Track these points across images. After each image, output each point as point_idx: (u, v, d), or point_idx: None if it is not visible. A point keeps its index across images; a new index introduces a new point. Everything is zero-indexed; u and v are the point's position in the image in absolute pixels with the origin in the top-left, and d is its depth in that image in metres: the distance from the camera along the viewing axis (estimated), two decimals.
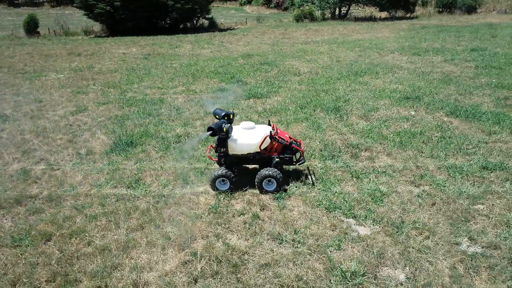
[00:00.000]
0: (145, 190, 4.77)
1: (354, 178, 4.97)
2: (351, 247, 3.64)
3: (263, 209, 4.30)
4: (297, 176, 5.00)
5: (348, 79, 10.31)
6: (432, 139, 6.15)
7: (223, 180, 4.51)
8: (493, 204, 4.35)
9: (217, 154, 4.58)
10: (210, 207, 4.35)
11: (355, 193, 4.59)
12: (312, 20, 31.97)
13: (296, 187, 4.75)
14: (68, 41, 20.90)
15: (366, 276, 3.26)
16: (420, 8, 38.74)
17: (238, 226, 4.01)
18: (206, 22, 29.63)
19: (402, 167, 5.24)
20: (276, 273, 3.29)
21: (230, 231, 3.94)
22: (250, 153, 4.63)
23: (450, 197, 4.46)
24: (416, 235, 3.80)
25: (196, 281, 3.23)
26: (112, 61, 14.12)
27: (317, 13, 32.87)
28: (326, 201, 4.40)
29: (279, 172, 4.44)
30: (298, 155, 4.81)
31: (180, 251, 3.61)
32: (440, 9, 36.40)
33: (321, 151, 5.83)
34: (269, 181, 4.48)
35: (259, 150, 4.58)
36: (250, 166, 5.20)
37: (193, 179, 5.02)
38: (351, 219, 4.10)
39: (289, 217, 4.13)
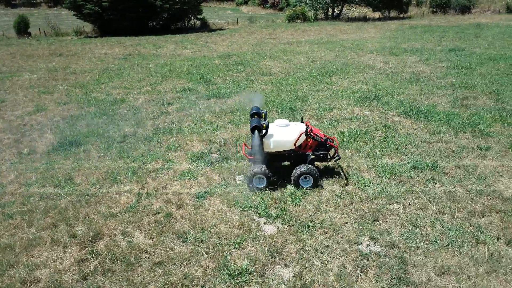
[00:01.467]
0: (72, 189, 4.80)
1: (282, 178, 4.96)
2: (251, 245, 3.68)
3: (180, 208, 4.35)
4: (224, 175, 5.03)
5: (316, 79, 10.32)
6: (375, 138, 6.15)
7: (260, 178, 4.50)
8: (409, 204, 4.36)
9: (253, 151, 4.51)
10: (129, 206, 4.38)
11: (278, 192, 4.60)
12: (305, 20, 31.98)
13: (220, 186, 4.77)
14: (56, 42, 21.01)
15: (252, 274, 3.27)
16: (414, 8, 38.62)
17: (149, 224, 4.05)
18: (198, 23, 29.66)
19: (335, 166, 5.24)
20: (165, 271, 3.33)
21: (139, 229, 3.99)
22: (285, 151, 4.68)
23: (369, 197, 4.48)
24: (319, 234, 3.82)
25: (85, 279, 3.27)
26: (90, 61, 14.20)
27: (310, 14, 32.79)
28: (244, 200, 4.40)
29: (315, 168, 4.49)
30: (332, 151, 4.86)
31: (81, 249, 3.63)
32: (434, 9, 36.27)
33: None
34: (306, 177, 4.52)
35: (294, 148, 4.61)
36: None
37: (123, 178, 5.04)
38: (263, 218, 4.11)
39: (201, 216, 4.17)
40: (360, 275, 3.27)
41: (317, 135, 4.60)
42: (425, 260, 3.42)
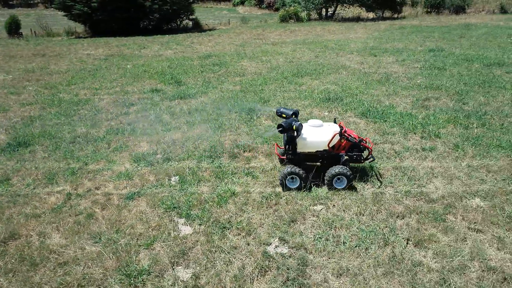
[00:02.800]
0: (6, 190, 4.83)
1: (216, 179, 4.99)
2: (160, 246, 3.69)
3: (104, 209, 4.38)
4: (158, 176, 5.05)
5: (287, 80, 10.34)
6: None
7: (292, 178, 4.52)
8: (334, 205, 4.35)
9: (285, 152, 4.64)
10: (55, 206, 4.41)
11: (206, 193, 4.62)
12: (298, 20, 31.97)
13: (152, 187, 4.81)
14: (44, 42, 21.10)
15: (151, 275, 3.29)
16: (408, 9, 38.53)
17: (67, 225, 4.07)
18: (190, 23, 29.73)
19: (270, 168, 5.26)
20: (66, 272, 3.35)
21: (57, 230, 4.02)
22: (318, 151, 4.68)
23: (295, 198, 4.47)
24: (232, 235, 3.84)
25: None
26: (71, 62, 14.27)
27: (303, 14, 32.80)
28: (169, 201, 4.43)
29: (349, 169, 4.45)
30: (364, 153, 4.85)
31: None
32: (428, 10, 36.19)
33: (204, 151, 5.82)
34: (339, 179, 4.50)
35: (327, 148, 4.61)
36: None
37: (59, 179, 5.08)
38: (183, 219, 4.13)
39: (122, 217, 4.19)
40: (258, 276, 3.27)
41: (351, 136, 4.56)
42: (327, 262, 3.43)
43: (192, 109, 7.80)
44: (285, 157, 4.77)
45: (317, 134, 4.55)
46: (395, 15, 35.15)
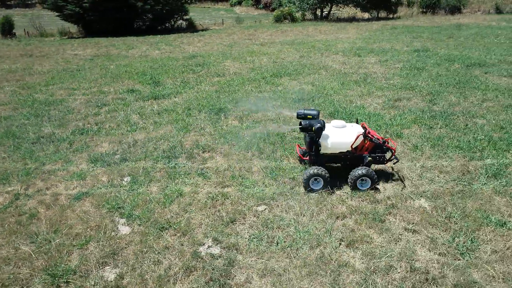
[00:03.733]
0: None
1: (168, 179, 5.01)
2: (94, 246, 3.71)
3: (48, 209, 4.40)
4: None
5: (265, 80, 10.35)
6: (283, 140, 6.16)
7: (316, 179, 4.48)
8: (278, 205, 4.37)
9: (308, 153, 4.63)
10: (1, 207, 4.43)
11: (154, 193, 4.64)
12: (293, 21, 31.94)
13: (103, 187, 4.83)
14: (35, 42, 21.18)
15: (76, 275, 3.31)
16: (404, 9, 38.47)
17: (8, 225, 4.09)
18: (184, 23, 29.78)
19: (224, 168, 5.28)
20: None
21: None
22: (341, 152, 4.65)
23: (241, 199, 4.49)
24: (168, 236, 3.87)
25: None
26: (56, 62, 14.32)
27: (298, 14, 32.78)
28: (114, 201, 4.45)
29: (372, 170, 4.44)
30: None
31: None
32: (424, 10, 36.14)
33: (163, 152, 5.84)
34: (363, 180, 4.48)
35: (350, 149, 4.58)
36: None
37: (13, 179, 5.12)
38: (124, 219, 4.15)
39: (64, 217, 4.21)
40: (182, 277, 3.28)
41: (375, 137, 4.53)
42: (255, 262, 3.44)
43: (162, 110, 7.83)
44: (307, 158, 4.69)
45: (341, 135, 4.51)
46: (390, 15, 35.10)
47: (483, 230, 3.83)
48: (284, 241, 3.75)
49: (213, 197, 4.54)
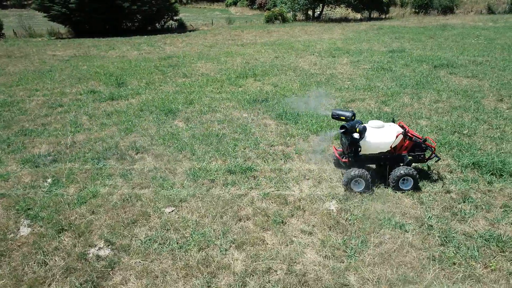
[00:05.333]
0: None
1: (89, 180, 5.03)
2: None
3: None
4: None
5: (229, 81, 10.39)
6: (224, 140, 6.16)
7: (357, 181, 4.46)
8: (186, 207, 4.38)
9: (347, 154, 4.59)
10: None
11: (70, 195, 4.66)
12: (284, 21, 31.90)
13: (22, 188, 4.90)
14: (20, 43, 21.29)
15: None
16: (397, 9, 38.38)
17: None
18: (175, 24, 29.85)
19: (149, 169, 5.30)
20: None
21: None
22: (381, 152, 4.60)
23: (152, 200, 4.51)
24: (65, 237, 3.88)
25: None
26: (32, 63, 14.39)
27: (289, 15, 32.76)
28: (25, 203, 4.48)
29: (414, 170, 4.40)
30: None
31: None
32: (416, 10, 36.04)
33: (97, 153, 5.86)
34: (405, 180, 4.45)
35: (389, 149, 4.54)
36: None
37: None
38: (29, 220, 4.17)
39: None
40: (60, 278, 3.30)
41: (415, 136, 4.51)
42: (138, 264, 3.48)
43: (114, 111, 7.85)
44: (346, 159, 4.62)
45: (381, 135, 4.46)
46: (383, 16, 35.01)
47: (379, 232, 3.81)
48: (177, 243, 3.73)
49: (125, 198, 4.56)
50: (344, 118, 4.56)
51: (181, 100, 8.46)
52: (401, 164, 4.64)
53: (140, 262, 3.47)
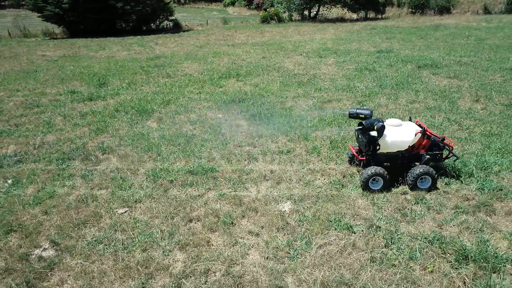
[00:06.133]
0: None
1: (50, 181, 5.03)
2: None
3: None
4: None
5: (211, 81, 10.40)
6: (191, 141, 6.17)
7: (374, 179, 4.42)
8: (140, 208, 4.36)
9: (364, 153, 4.56)
10: None
11: (27, 195, 4.67)
12: (280, 21, 31.89)
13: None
14: (13, 43, 21.34)
15: None
16: (394, 9, 38.32)
17: None
18: (170, 24, 29.88)
19: (111, 170, 5.29)
20: None
21: None
22: (399, 151, 4.58)
23: (108, 201, 4.52)
24: (13, 238, 3.91)
25: None
26: (19, 63, 14.44)
27: (285, 15, 32.75)
28: None
29: (433, 169, 4.36)
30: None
31: None
32: (413, 10, 35.98)
33: (63, 154, 5.86)
34: (424, 179, 4.40)
35: (407, 147, 4.50)
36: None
37: None
38: None
39: None
40: None
41: (433, 135, 4.49)
42: (79, 265, 3.47)
43: (90, 111, 7.86)
44: (363, 158, 4.60)
45: (399, 134, 4.43)
46: (379, 16, 34.95)
47: (326, 233, 3.80)
48: (122, 244, 3.73)
49: (81, 199, 4.56)
50: (362, 116, 4.52)
51: (159, 101, 8.45)
52: (419, 163, 4.60)
53: (81, 263, 3.46)
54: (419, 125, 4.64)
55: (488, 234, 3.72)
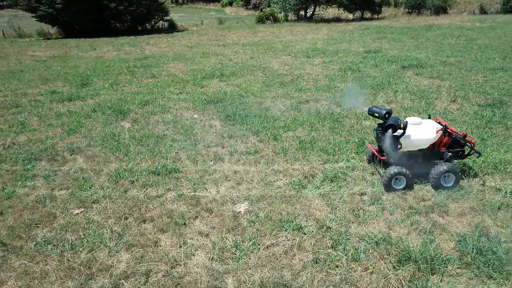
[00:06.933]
0: None
1: (11, 182, 5.03)
2: None
3: None
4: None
5: (194, 81, 10.40)
6: (150, 143, 6.15)
7: (397, 179, 4.37)
8: (96, 208, 4.37)
9: (385, 151, 4.47)
10: None
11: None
12: (275, 21, 31.91)
13: None
14: (6, 44, 21.45)
15: None
16: (390, 9, 38.29)
17: None
18: (165, 24, 29.93)
19: (75, 170, 5.29)
20: None
21: None
22: (421, 149, 4.52)
23: (65, 202, 4.52)
24: None
25: None
26: (7, 63, 14.48)
27: (280, 15, 32.76)
28: None
29: (456, 166, 4.32)
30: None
31: None
32: (409, 10, 35.96)
33: (31, 154, 5.87)
34: (447, 176, 4.35)
35: (429, 146, 4.45)
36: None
37: None
38: None
39: None
40: None
41: (454, 132, 4.46)
42: (23, 265, 3.47)
43: (66, 112, 7.87)
44: (385, 157, 4.57)
45: (421, 132, 4.39)
46: (375, 16, 34.93)
47: (277, 234, 3.86)
48: (71, 244, 3.73)
49: (39, 199, 4.57)
50: (377, 115, 4.46)
51: (137, 101, 8.43)
52: (441, 161, 4.56)
53: (25, 263, 3.44)
54: (439, 123, 4.59)
55: (437, 235, 3.67)
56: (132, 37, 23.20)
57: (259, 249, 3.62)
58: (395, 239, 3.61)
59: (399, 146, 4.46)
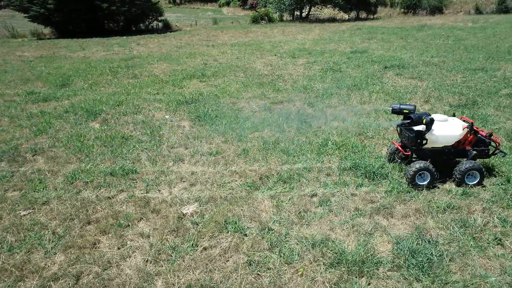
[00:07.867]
0: None
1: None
2: None
3: None
4: None
5: (174, 82, 10.39)
6: (114, 144, 6.14)
7: (421, 175, 4.35)
8: (45, 209, 4.35)
9: (410, 147, 4.53)
10: None
11: None
12: (270, 21, 31.92)
13: None
14: None
15: None
16: (386, 9, 38.25)
17: None
18: (160, 24, 29.98)
19: (33, 171, 5.28)
20: None
21: None
22: (445, 146, 4.52)
23: (15, 202, 4.51)
24: None
25: None
26: None
27: (275, 15, 32.76)
28: None
29: (481, 164, 4.27)
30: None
31: None
32: (405, 10, 35.92)
33: None
34: (471, 174, 4.32)
35: (454, 143, 4.44)
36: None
37: None
38: None
39: None
40: None
41: (480, 130, 4.44)
42: None
43: (39, 112, 7.90)
44: (409, 153, 4.58)
45: (447, 129, 4.37)
46: (371, 16, 34.90)
47: (218, 236, 3.86)
48: (10, 246, 3.74)
49: (3, 200, 4.51)
50: (407, 111, 4.48)
51: (112, 102, 8.41)
52: (466, 159, 4.50)
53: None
54: (464, 121, 4.57)
55: (377, 237, 3.64)
56: (124, 37, 23.22)
57: (196, 251, 3.57)
58: (333, 241, 3.57)
59: (424, 141, 4.44)
